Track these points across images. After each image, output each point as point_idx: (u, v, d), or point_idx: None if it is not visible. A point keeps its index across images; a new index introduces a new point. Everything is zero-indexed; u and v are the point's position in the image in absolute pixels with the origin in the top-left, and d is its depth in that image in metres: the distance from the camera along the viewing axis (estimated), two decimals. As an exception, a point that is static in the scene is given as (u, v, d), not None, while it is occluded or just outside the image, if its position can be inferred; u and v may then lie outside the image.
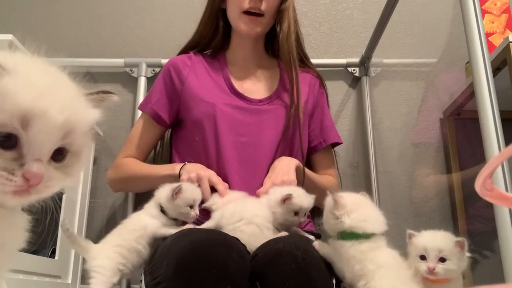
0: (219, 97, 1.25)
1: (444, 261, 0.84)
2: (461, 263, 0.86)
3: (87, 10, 1.76)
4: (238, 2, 1.23)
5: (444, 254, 0.84)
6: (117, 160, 1.30)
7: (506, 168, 0.80)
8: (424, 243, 0.86)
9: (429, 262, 0.84)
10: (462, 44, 1.66)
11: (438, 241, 0.86)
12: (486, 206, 0.71)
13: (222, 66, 1.33)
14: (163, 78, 1.31)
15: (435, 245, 0.85)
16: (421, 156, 1.62)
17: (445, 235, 0.88)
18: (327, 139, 1.34)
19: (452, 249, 0.85)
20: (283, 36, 1.24)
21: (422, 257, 0.85)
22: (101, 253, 0.98)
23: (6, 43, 0.98)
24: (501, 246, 0.79)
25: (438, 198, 1.59)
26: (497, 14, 1.59)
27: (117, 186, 1.33)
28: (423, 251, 0.86)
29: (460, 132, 1.58)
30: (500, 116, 0.84)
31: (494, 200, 0.42)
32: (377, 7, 1.70)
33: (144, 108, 1.30)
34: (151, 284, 0.86)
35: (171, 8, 1.77)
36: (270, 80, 1.33)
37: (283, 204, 0.97)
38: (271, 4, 1.24)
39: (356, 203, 0.90)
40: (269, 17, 1.26)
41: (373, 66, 1.67)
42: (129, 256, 0.98)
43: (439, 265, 0.84)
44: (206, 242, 0.84)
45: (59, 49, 1.93)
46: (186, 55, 1.35)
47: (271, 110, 1.26)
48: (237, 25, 1.27)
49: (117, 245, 0.99)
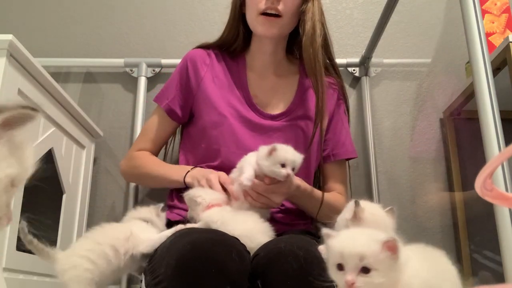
0: (232, 107, 1.23)
1: (368, 271, 0.62)
2: (393, 273, 0.63)
3: (87, 10, 1.76)
4: (255, 4, 1.19)
5: (367, 263, 0.62)
6: (131, 152, 1.30)
7: (506, 168, 0.80)
8: (340, 248, 0.64)
9: (347, 274, 0.62)
10: (462, 44, 1.67)
11: (358, 245, 0.63)
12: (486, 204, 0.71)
13: (240, 70, 1.30)
14: (180, 73, 1.29)
15: (354, 250, 0.62)
16: (421, 156, 1.62)
17: (369, 235, 0.65)
18: (336, 154, 1.29)
19: (377, 254, 0.62)
20: (306, 40, 1.17)
21: (340, 266, 0.64)
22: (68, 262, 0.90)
23: (6, 43, 0.98)
24: (501, 246, 0.79)
25: (438, 199, 1.59)
26: (497, 14, 1.59)
27: (129, 179, 1.37)
28: (340, 259, 0.64)
29: (460, 132, 1.58)
30: (500, 116, 0.84)
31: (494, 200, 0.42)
32: (377, 7, 1.70)
33: (160, 103, 1.29)
34: (151, 283, 0.86)
35: (171, 8, 1.77)
36: (287, 91, 1.29)
37: (269, 156, 1.00)
38: (289, 4, 1.18)
39: (374, 222, 0.83)
40: (287, 19, 1.20)
41: (373, 66, 1.67)
42: (98, 262, 0.91)
43: (360, 277, 0.62)
44: (206, 242, 0.84)
45: (59, 49, 1.94)
46: (205, 51, 1.31)
47: (282, 128, 1.24)
48: (254, 27, 1.23)
49: (87, 249, 0.91)
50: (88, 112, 1.58)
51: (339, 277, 0.64)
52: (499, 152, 0.82)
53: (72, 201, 1.39)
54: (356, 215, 0.84)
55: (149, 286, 0.87)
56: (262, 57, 1.30)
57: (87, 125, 1.47)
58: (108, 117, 1.66)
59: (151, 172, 1.24)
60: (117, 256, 0.93)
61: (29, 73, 1.09)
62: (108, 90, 1.69)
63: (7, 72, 0.99)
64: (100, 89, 1.69)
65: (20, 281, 1.04)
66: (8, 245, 1.00)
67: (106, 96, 1.68)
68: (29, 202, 1.07)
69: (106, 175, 1.61)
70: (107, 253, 0.92)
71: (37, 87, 1.13)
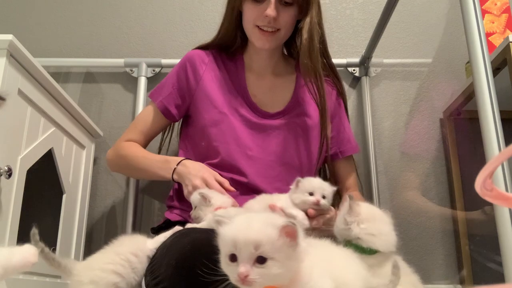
0: (231, 106, 1.23)
1: (264, 261, 0.56)
2: (292, 262, 0.57)
3: (87, 10, 1.77)
4: (251, 17, 1.18)
5: (263, 251, 0.56)
6: (119, 142, 1.30)
7: (506, 168, 0.80)
8: (232, 236, 0.58)
9: (240, 266, 0.56)
10: (462, 44, 1.67)
11: (253, 231, 0.57)
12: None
13: (239, 70, 1.30)
14: (178, 72, 1.29)
15: (249, 237, 0.56)
16: (421, 156, 1.62)
17: (265, 220, 0.59)
18: (344, 151, 1.32)
19: (275, 241, 0.56)
20: (303, 51, 1.16)
21: (232, 257, 0.58)
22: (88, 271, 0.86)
23: (6, 43, 0.98)
24: (501, 246, 0.79)
25: (438, 199, 1.59)
26: (497, 14, 1.59)
27: (114, 168, 1.33)
28: (232, 248, 0.58)
29: (460, 132, 1.58)
30: (500, 116, 0.84)
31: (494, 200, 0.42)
32: (377, 7, 1.70)
33: (155, 99, 1.29)
34: (151, 283, 0.86)
35: (171, 8, 1.77)
36: (285, 90, 1.30)
37: (296, 188, 1.03)
38: (286, 19, 1.18)
39: (371, 215, 0.86)
40: (285, 31, 1.20)
41: (373, 66, 1.67)
42: (123, 272, 0.88)
43: (254, 269, 0.56)
44: (206, 242, 0.84)
45: (59, 49, 1.94)
46: (204, 52, 1.31)
47: (281, 126, 1.24)
48: (250, 37, 1.23)
49: (109, 262, 0.88)
50: (88, 112, 1.58)
51: (231, 270, 0.57)
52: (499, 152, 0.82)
53: (72, 201, 1.39)
54: (352, 208, 0.85)
55: (149, 286, 0.87)
56: (259, 58, 1.30)
57: (87, 125, 1.47)
58: (108, 117, 1.66)
59: (136, 164, 1.22)
60: (140, 261, 0.92)
61: (29, 73, 1.09)
62: (108, 90, 1.69)
63: (7, 72, 0.99)
64: (100, 89, 1.69)
65: (20, 281, 1.04)
66: (8, 245, 1.00)
67: (106, 96, 1.68)
68: (29, 202, 1.07)
69: (106, 175, 1.61)
70: (131, 260, 0.90)
71: (37, 87, 1.13)
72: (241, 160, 1.19)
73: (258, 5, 1.16)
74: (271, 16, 1.14)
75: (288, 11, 1.17)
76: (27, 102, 1.09)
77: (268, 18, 1.15)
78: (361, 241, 0.84)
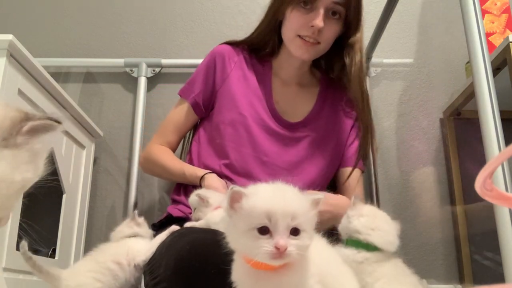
0: (254, 109, 1.23)
1: (297, 233, 0.56)
2: (313, 235, 0.59)
3: (87, 10, 1.77)
4: (295, 25, 1.16)
5: (298, 223, 0.56)
6: (152, 146, 1.30)
7: (506, 168, 0.80)
8: (267, 207, 0.55)
9: (278, 237, 0.54)
10: (462, 44, 1.66)
11: (290, 202, 0.57)
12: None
13: (266, 75, 1.29)
14: (207, 67, 1.28)
15: (286, 209, 0.55)
16: (421, 156, 1.62)
17: (295, 191, 0.60)
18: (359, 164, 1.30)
19: (307, 213, 0.58)
20: (355, 70, 1.19)
21: (263, 230, 0.56)
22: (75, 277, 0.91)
23: (6, 43, 0.98)
24: (501, 246, 0.79)
25: (438, 199, 1.59)
26: (497, 14, 1.59)
27: (147, 172, 1.38)
28: (264, 220, 0.55)
29: (460, 132, 1.58)
30: (500, 116, 0.84)
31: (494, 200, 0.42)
32: (377, 7, 1.70)
33: (186, 97, 1.28)
34: (150, 284, 0.86)
35: (171, 8, 1.77)
36: (307, 101, 1.30)
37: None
38: (329, 34, 1.17)
39: (373, 213, 0.88)
40: (325, 45, 1.19)
41: (373, 66, 1.67)
42: (104, 279, 0.91)
43: (290, 240, 0.56)
44: (205, 242, 0.84)
45: (59, 49, 1.94)
46: (234, 49, 1.30)
47: (298, 137, 1.24)
48: (289, 46, 1.21)
49: (90, 270, 0.92)
50: (88, 112, 1.58)
51: (261, 243, 0.53)
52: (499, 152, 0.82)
53: (72, 201, 1.39)
54: (355, 205, 0.88)
55: (148, 286, 0.88)
56: (289, 67, 1.28)
57: (87, 125, 1.47)
58: (108, 117, 1.66)
59: (168, 173, 1.26)
60: (122, 268, 0.94)
61: (29, 73, 1.09)
62: (108, 90, 1.69)
63: (7, 72, 0.99)
64: (100, 89, 1.69)
65: (20, 281, 1.04)
66: (8, 245, 1.00)
67: (106, 96, 1.68)
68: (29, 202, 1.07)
69: (106, 175, 1.61)
70: (111, 268, 0.92)
71: (37, 87, 1.13)
72: (254, 164, 1.18)
73: (305, 14, 1.14)
74: (317, 26, 1.12)
75: (334, 26, 1.17)
76: (27, 102, 1.09)
77: (314, 28, 1.13)
78: (359, 234, 0.85)
